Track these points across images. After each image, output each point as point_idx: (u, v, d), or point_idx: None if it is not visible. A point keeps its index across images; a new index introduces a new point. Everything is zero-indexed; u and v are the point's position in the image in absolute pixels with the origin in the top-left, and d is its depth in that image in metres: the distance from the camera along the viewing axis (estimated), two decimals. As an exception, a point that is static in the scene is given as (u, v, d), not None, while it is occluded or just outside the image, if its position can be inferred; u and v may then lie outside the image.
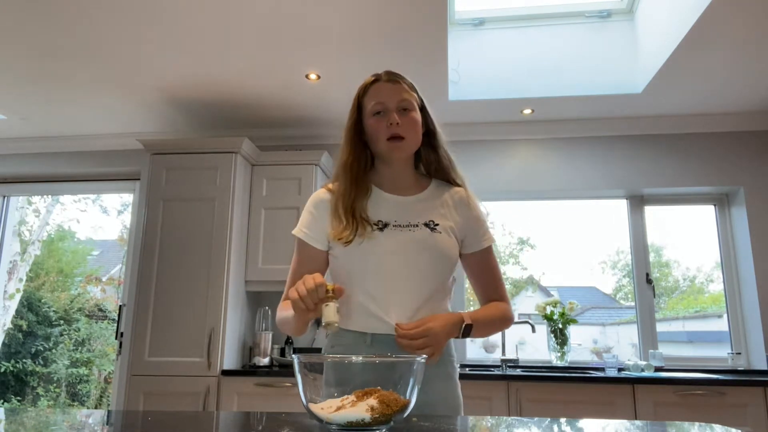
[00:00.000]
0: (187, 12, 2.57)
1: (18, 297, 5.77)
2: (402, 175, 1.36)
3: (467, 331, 1.21)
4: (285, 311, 1.25)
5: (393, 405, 0.76)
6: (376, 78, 1.35)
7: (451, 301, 1.37)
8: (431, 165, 1.40)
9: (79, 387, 5.97)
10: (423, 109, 1.36)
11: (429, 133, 1.37)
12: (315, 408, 0.78)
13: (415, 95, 1.34)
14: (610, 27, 3.33)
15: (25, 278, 5.89)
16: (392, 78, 1.33)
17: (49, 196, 6.05)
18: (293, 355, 0.83)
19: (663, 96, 3.33)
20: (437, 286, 1.28)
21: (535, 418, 1.07)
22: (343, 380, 1.01)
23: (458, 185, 1.40)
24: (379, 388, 0.78)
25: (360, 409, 0.74)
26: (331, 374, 1.05)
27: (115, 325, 3.85)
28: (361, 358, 0.92)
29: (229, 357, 3.27)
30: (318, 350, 3.63)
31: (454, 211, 1.35)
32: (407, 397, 0.78)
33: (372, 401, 0.75)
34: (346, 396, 0.78)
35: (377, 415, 0.74)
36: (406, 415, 0.79)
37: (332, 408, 0.76)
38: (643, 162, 3.68)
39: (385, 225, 1.26)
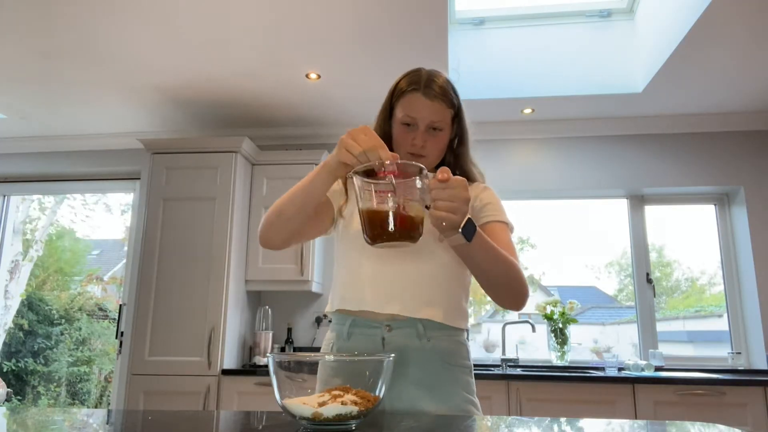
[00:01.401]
0: (188, 12, 2.58)
1: (20, 296, 5.78)
2: None
3: (469, 228, 0.96)
4: (288, 192, 1.15)
5: (371, 400, 0.82)
6: (414, 86, 1.22)
7: (468, 302, 1.26)
8: (451, 166, 1.32)
9: (79, 386, 5.98)
10: (458, 114, 1.28)
11: (457, 138, 1.31)
12: (295, 402, 0.80)
13: (451, 110, 1.25)
14: (611, 26, 3.33)
15: (28, 278, 5.90)
16: (431, 94, 1.21)
17: (54, 197, 6.05)
18: (268, 355, 0.84)
19: (663, 96, 3.33)
20: (447, 273, 1.19)
21: (535, 418, 1.08)
22: (334, 376, 1.02)
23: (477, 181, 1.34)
24: (349, 386, 0.83)
25: (346, 403, 0.79)
26: (327, 371, 1.05)
27: (116, 324, 3.85)
28: (332, 357, 1.02)
29: (229, 356, 3.28)
30: (318, 349, 3.63)
31: (474, 199, 1.27)
32: (377, 394, 0.84)
33: (352, 396, 0.80)
34: (321, 393, 0.82)
35: (362, 409, 0.80)
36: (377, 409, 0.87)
37: (313, 404, 0.79)
38: (643, 162, 3.68)
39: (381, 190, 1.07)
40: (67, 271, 6.39)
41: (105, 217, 6.39)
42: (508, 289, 1.10)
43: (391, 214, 0.91)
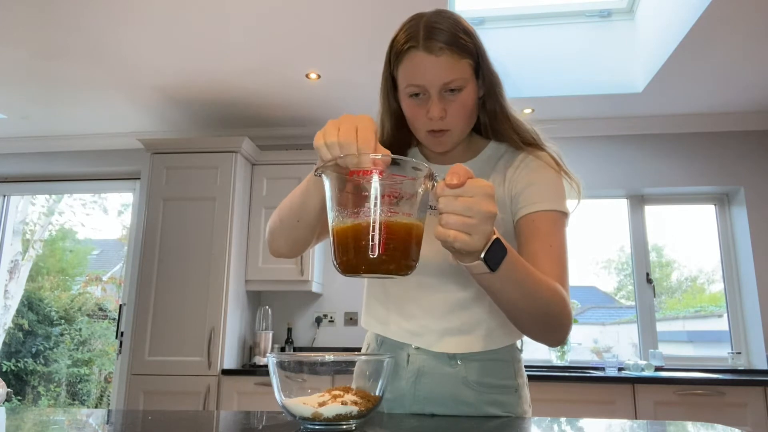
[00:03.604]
0: (188, 12, 2.58)
1: (19, 296, 5.78)
2: None
3: (496, 254, 0.70)
4: (289, 195, 0.97)
5: (372, 400, 0.81)
6: (411, 43, 0.92)
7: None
8: (487, 128, 1.07)
9: (79, 386, 5.97)
10: (479, 62, 0.96)
11: (486, 92, 1.00)
12: (295, 402, 0.80)
13: (468, 60, 0.93)
14: (610, 27, 3.33)
15: (26, 278, 5.90)
16: (434, 47, 0.90)
17: (52, 196, 6.06)
18: (268, 355, 0.83)
19: (663, 96, 3.33)
20: (472, 286, 0.98)
21: (535, 418, 1.07)
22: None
23: (528, 146, 1.04)
24: (349, 386, 0.83)
25: (346, 403, 0.79)
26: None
27: (116, 324, 3.85)
28: (332, 357, 0.89)
29: (229, 356, 3.28)
30: (318, 349, 3.63)
31: (512, 179, 1.00)
32: (378, 393, 0.83)
33: (352, 396, 0.79)
34: (322, 393, 0.81)
35: (362, 409, 0.79)
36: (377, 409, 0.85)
37: (314, 404, 0.78)
38: (643, 162, 3.68)
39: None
40: (69, 272, 6.39)
41: (103, 218, 6.39)
42: (542, 326, 0.85)
43: (373, 232, 0.65)
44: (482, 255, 0.69)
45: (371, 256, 0.65)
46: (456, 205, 0.65)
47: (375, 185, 0.66)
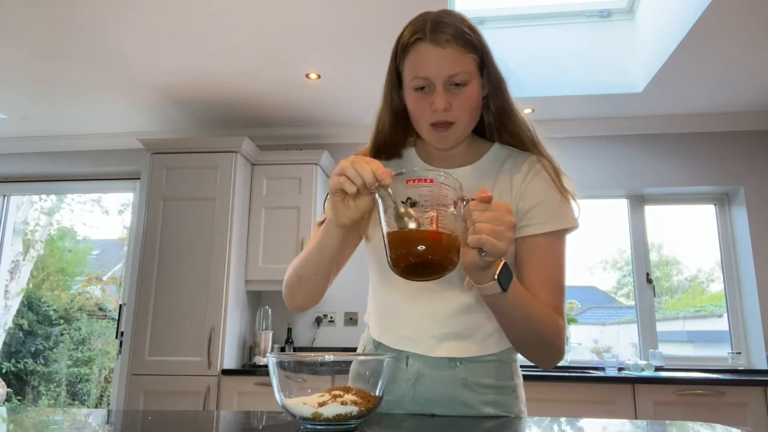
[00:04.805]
0: (188, 12, 2.58)
1: (20, 296, 5.78)
2: None
3: (506, 275, 0.81)
4: (302, 253, 1.02)
5: (372, 400, 0.81)
6: (418, 35, 0.94)
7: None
8: (491, 128, 1.08)
9: (79, 386, 5.97)
10: (485, 60, 0.99)
11: (490, 92, 1.02)
12: (295, 402, 0.80)
13: (473, 55, 0.95)
14: (610, 27, 3.33)
15: (27, 278, 5.90)
16: (441, 39, 0.92)
17: (54, 196, 6.06)
18: (268, 355, 0.83)
19: (663, 96, 3.33)
20: (473, 295, 0.99)
21: (535, 418, 1.07)
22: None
23: (533, 147, 1.07)
24: (349, 386, 0.83)
25: (346, 403, 0.79)
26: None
27: (116, 324, 3.85)
28: (332, 357, 0.88)
29: (229, 356, 3.28)
30: (318, 349, 3.63)
31: (520, 190, 1.02)
32: (378, 394, 0.83)
33: (352, 396, 0.79)
34: (322, 393, 0.81)
35: (362, 409, 0.79)
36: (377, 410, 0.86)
37: (313, 404, 0.78)
38: (643, 162, 3.68)
39: (413, 204, 0.82)
40: (69, 272, 6.38)
41: (103, 217, 6.39)
42: (536, 350, 0.94)
43: (424, 229, 0.77)
44: (495, 275, 0.79)
45: (419, 248, 0.76)
46: (485, 216, 0.76)
47: (385, 191, 0.79)
